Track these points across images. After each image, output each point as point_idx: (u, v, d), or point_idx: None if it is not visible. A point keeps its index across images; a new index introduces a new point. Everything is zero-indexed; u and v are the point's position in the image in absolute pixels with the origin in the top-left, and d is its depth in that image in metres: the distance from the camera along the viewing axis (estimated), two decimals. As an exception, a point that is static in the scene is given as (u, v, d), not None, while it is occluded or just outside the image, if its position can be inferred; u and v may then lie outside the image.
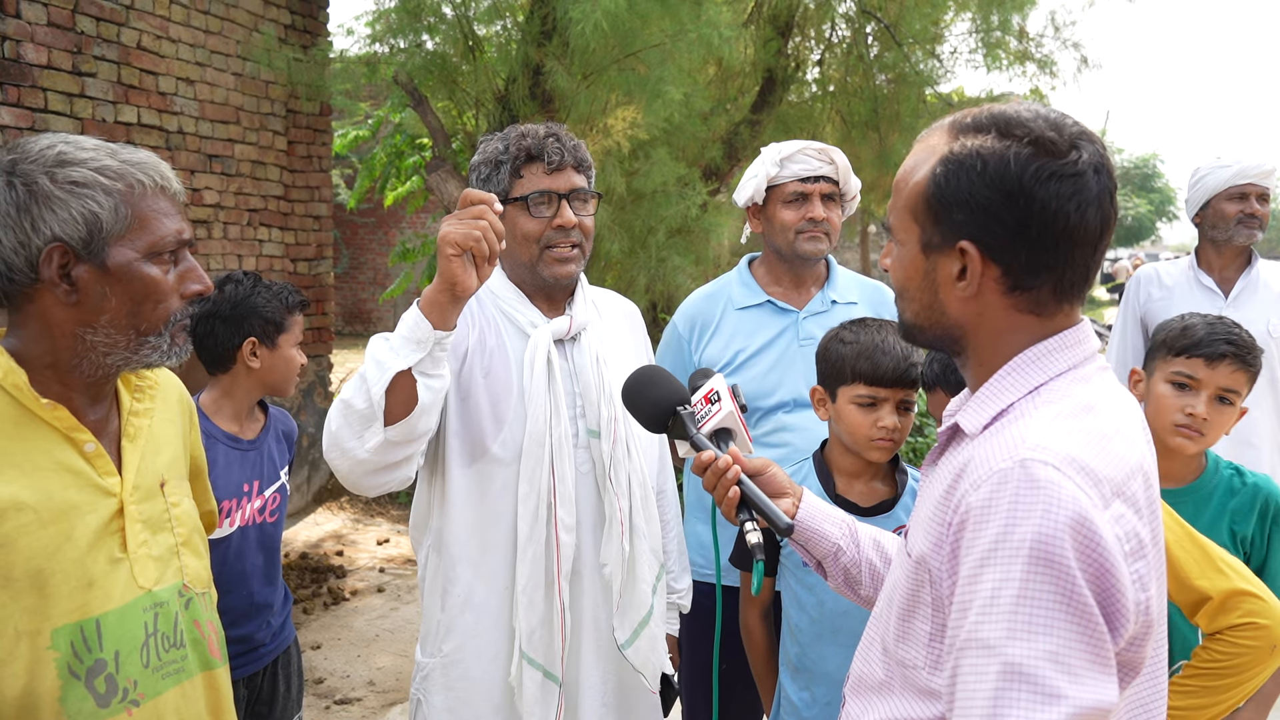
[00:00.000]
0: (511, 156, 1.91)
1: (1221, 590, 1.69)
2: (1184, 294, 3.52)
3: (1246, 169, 3.36)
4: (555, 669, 1.85)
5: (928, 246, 1.17)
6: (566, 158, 1.91)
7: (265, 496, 2.34)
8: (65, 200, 1.29)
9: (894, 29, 6.89)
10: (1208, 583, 1.69)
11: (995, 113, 1.14)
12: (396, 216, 15.93)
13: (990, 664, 0.98)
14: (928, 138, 1.19)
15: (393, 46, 5.25)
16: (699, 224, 6.15)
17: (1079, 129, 1.12)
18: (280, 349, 2.32)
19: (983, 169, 1.10)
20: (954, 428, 1.21)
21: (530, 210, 1.90)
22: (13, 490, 1.27)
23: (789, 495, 1.56)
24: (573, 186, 1.92)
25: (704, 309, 2.57)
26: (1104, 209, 1.11)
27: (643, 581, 1.91)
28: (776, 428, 2.42)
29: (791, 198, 2.45)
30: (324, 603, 4.98)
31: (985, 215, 1.11)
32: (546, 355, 1.88)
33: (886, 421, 1.94)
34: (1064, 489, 1.00)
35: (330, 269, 6.31)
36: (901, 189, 1.20)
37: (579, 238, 1.93)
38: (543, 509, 1.84)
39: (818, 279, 2.58)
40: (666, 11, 4.80)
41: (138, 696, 1.35)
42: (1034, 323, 1.15)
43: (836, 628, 1.96)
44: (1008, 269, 1.12)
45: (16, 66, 4.16)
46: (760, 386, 2.42)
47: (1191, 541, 1.74)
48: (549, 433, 1.85)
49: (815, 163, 2.44)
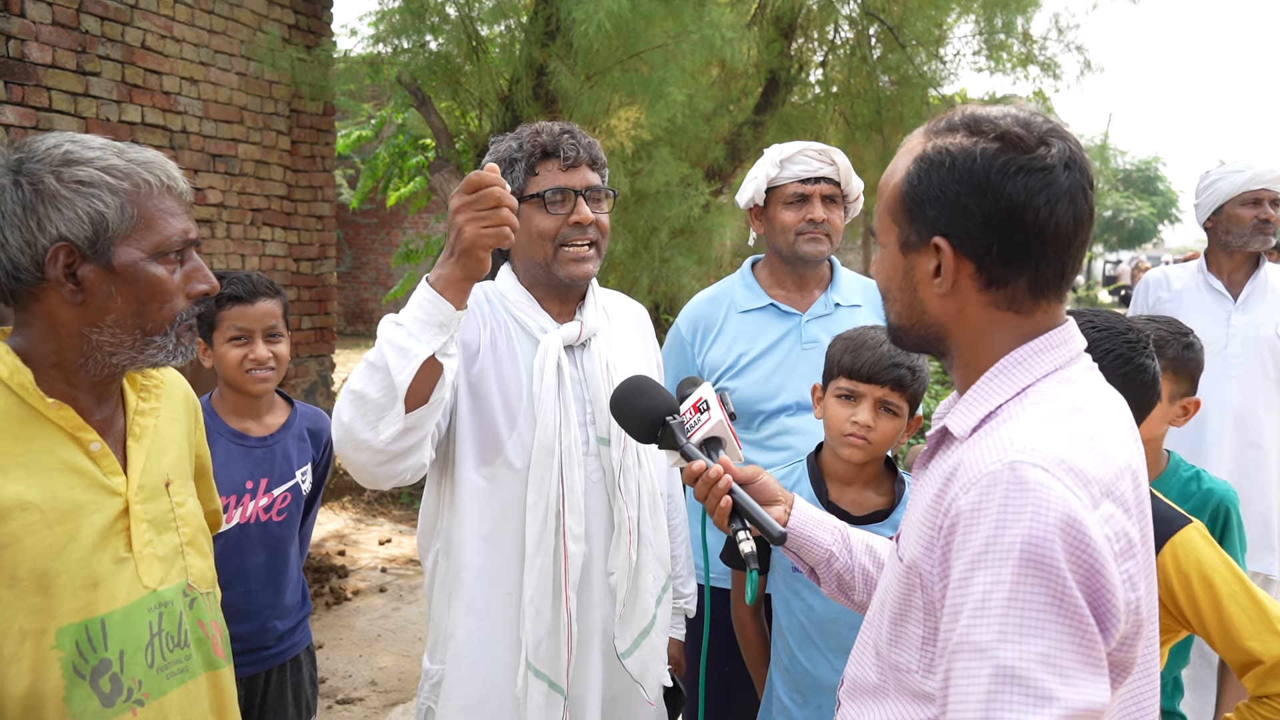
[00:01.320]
0: (527, 153, 1.87)
1: (1275, 656, 1.58)
2: (1193, 297, 3.51)
3: (1261, 174, 3.36)
4: (561, 680, 1.82)
5: (905, 245, 1.19)
6: (582, 154, 1.87)
7: (274, 495, 2.30)
8: (71, 200, 1.29)
9: (897, 30, 6.89)
10: (1260, 645, 1.59)
11: (967, 113, 1.16)
12: (399, 217, 15.95)
13: (982, 667, 0.98)
14: (908, 143, 1.22)
15: (396, 47, 5.25)
16: (701, 224, 6.16)
17: (1050, 126, 1.14)
18: (216, 346, 2.25)
19: (951, 165, 1.13)
20: (943, 431, 1.22)
21: (547, 207, 1.86)
22: (18, 490, 1.27)
23: (780, 502, 1.56)
24: (588, 184, 1.88)
25: (706, 312, 2.56)
26: (1076, 204, 1.12)
27: (647, 592, 1.89)
28: (779, 431, 2.41)
29: (792, 199, 2.44)
30: (326, 602, 4.99)
31: (955, 210, 1.13)
32: (556, 362, 1.85)
33: (860, 417, 1.91)
34: (1053, 490, 1.00)
35: (333, 269, 6.31)
36: (883, 192, 1.23)
37: (595, 235, 1.89)
38: (551, 518, 1.81)
39: (821, 281, 2.56)
40: (670, 12, 4.81)
41: (142, 696, 1.36)
42: (1014, 320, 1.16)
43: (824, 633, 1.95)
44: (980, 264, 1.14)
45: (21, 65, 4.16)
46: (763, 390, 2.42)
47: (1248, 597, 1.63)
48: (558, 440, 1.82)
49: (815, 164, 2.43)
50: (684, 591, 2.21)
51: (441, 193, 5.28)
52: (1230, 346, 3.40)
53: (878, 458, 1.98)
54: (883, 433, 1.92)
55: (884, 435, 1.93)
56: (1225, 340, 3.41)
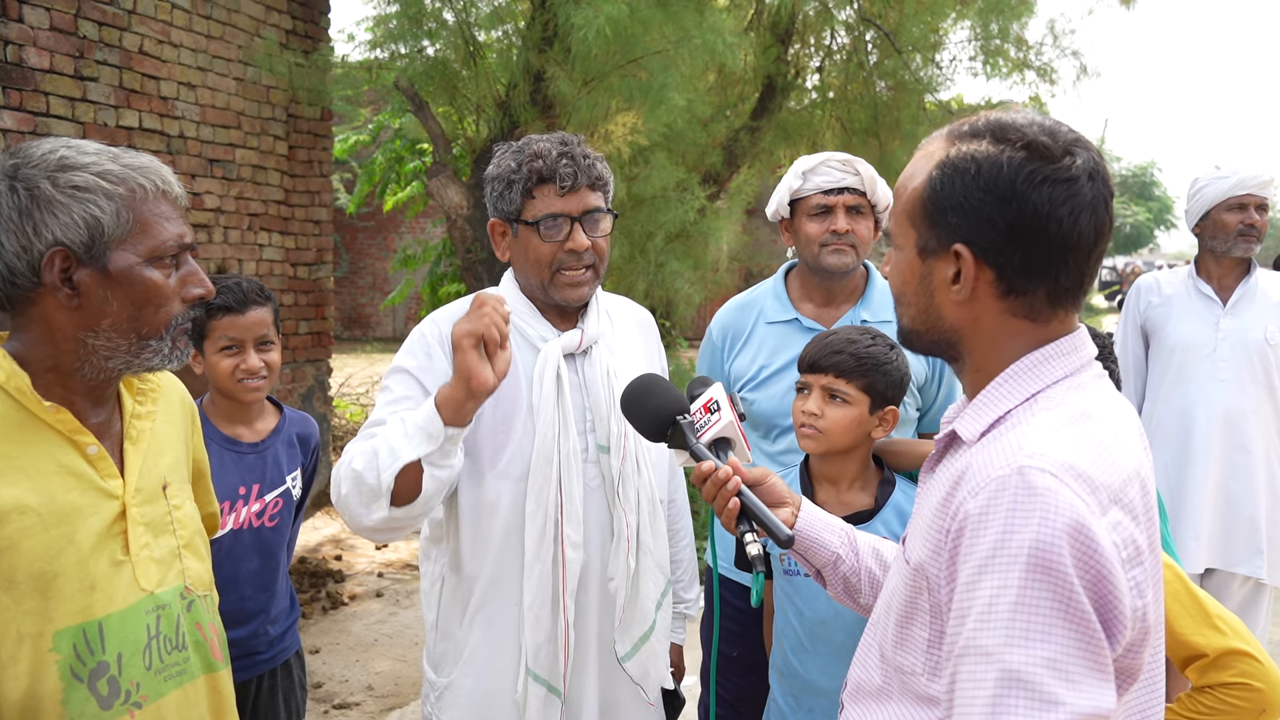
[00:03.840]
0: (523, 177, 1.84)
1: (1217, 648, 1.64)
2: (1182, 302, 3.54)
3: (1245, 180, 3.38)
4: (558, 684, 1.84)
5: (924, 250, 1.19)
6: (580, 178, 1.83)
7: (265, 501, 2.31)
8: (67, 205, 1.29)
9: (894, 36, 6.90)
10: (1202, 639, 1.65)
11: (992, 120, 1.15)
12: (396, 221, 15.97)
13: (989, 671, 0.98)
14: (927, 145, 1.21)
15: (393, 52, 5.25)
16: (698, 229, 6.16)
17: (1074, 136, 1.13)
18: (207, 355, 2.24)
19: (977, 172, 1.12)
20: (951, 434, 1.22)
21: (541, 234, 1.84)
22: (16, 493, 1.27)
23: (788, 504, 1.56)
24: (586, 208, 1.85)
25: (736, 320, 2.55)
26: (1098, 215, 1.12)
27: (646, 598, 1.90)
28: (790, 448, 2.38)
29: (815, 210, 2.40)
30: (322, 607, 4.98)
31: (979, 218, 1.12)
32: (556, 370, 1.85)
33: (807, 406, 1.95)
34: (1061, 496, 1.00)
35: (330, 274, 6.31)
36: (900, 195, 1.22)
37: (592, 259, 1.87)
38: (549, 526, 1.82)
39: (852, 295, 2.50)
40: (669, 18, 4.81)
41: (140, 699, 1.36)
42: (1029, 328, 1.16)
43: (815, 636, 1.96)
44: (1001, 272, 1.13)
45: (19, 70, 4.16)
46: (779, 406, 2.39)
47: (1188, 595, 1.68)
48: (556, 449, 1.82)
49: (838, 174, 2.39)
50: (685, 596, 2.21)
51: (438, 198, 5.28)
52: (1219, 351, 3.43)
53: (836, 449, 1.96)
54: (832, 421, 1.92)
55: (834, 424, 1.92)
56: (1214, 344, 3.43)
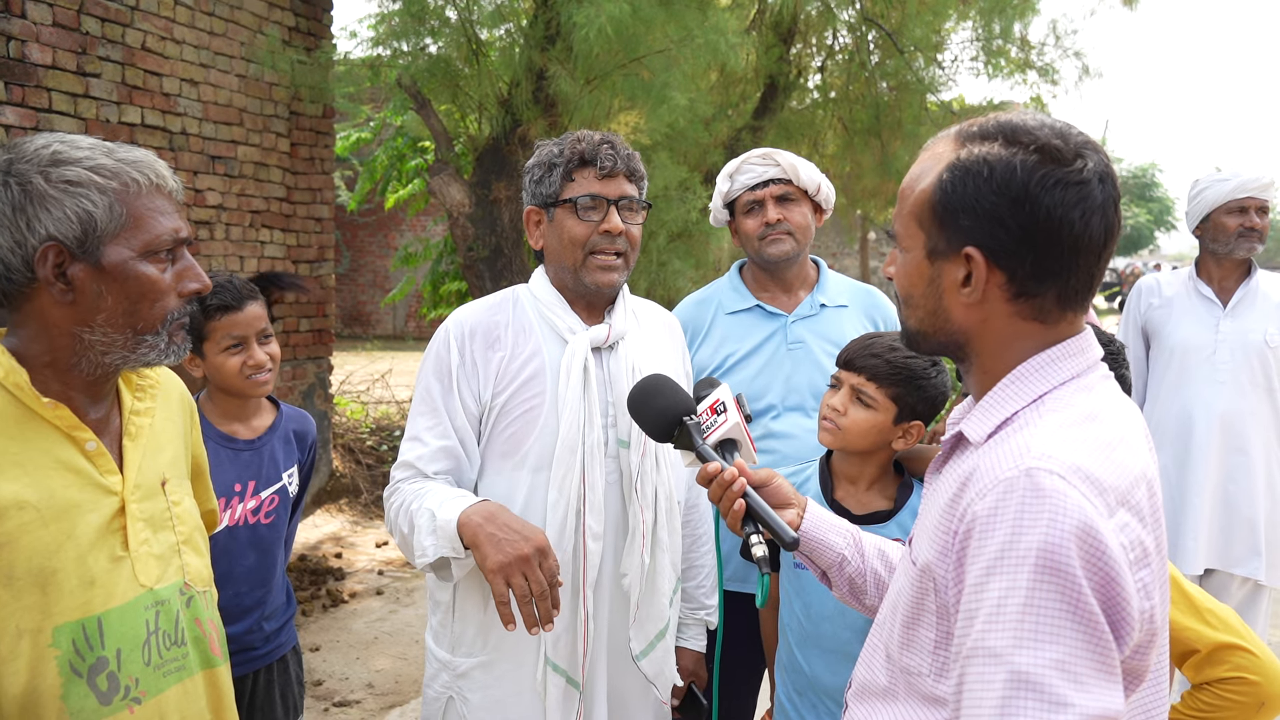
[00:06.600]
0: (565, 160, 1.89)
1: (1210, 643, 1.65)
2: (1183, 304, 3.54)
3: (1245, 182, 3.38)
4: (577, 675, 1.86)
5: (933, 253, 1.17)
6: (619, 165, 1.90)
7: (261, 498, 2.30)
8: (60, 199, 1.29)
9: (896, 36, 6.90)
10: (1195, 635, 1.66)
11: (1002, 121, 1.14)
12: (397, 219, 15.97)
13: (997, 672, 0.98)
14: (934, 146, 1.20)
15: (396, 50, 5.25)
16: (700, 229, 6.16)
17: (1084, 138, 1.13)
18: (209, 358, 2.23)
19: (989, 175, 1.11)
20: (958, 436, 1.21)
21: (578, 213, 1.89)
22: (15, 489, 1.27)
23: (794, 506, 1.56)
24: (623, 194, 1.91)
25: (694, 315, 2.61)
26: (1108, 217, 1.12)
27: (661, 595, 1.91)
28: (764, 434, 2.43)
29: (747, 207, 2.52)
30: (323, 604, 4.98)
31: (991, 221, 1.11)
32: (583, 362, 1.87)
33: (834, 401, 1.97)
34: (1069, 498, 1.00)
35: (332, 271, 6.31)
36: (907, 196, 1.21)
37: (624, 246, 1.92)
38: (572, 516, 1.84)
39: (806, 283, 2.60)
40: (671, 17, 4.80)
41: (139, 694, 1.35)
42: (1038, 330, 1.16)
43: (818, 633, 1.96)
44: (1012, 275, 1.13)
45: (21, 66, 4.16)
46: (748, 390, 2.44)
47: (1179, 591, 1.68)
48: (581, 440, 1.84)
49: (759, 169, 2.49)
50: (706, 603, 2.20)
51: (440, 195, 5.28)
52: (1219, 353, 3.43)
53: (852, 449, 1.98)
54: (853, 421, 1.94)
55: (854, 425, 1.94)
56: (1214, 346, 3.44)
